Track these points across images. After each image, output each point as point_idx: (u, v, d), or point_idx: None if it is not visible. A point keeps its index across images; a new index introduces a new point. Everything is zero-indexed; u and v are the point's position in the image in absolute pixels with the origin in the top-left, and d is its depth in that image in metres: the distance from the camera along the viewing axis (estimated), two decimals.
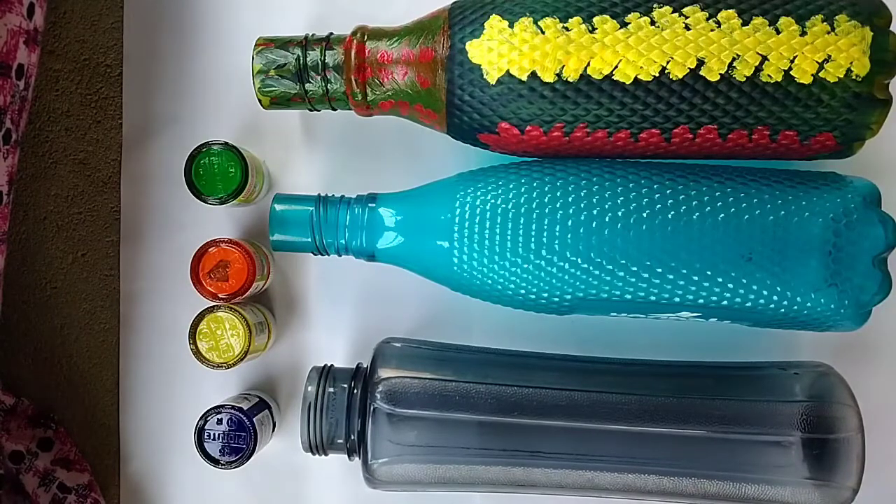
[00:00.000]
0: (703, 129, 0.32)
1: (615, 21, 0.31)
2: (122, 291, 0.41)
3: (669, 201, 0.32)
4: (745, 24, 0.30)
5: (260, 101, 0.35)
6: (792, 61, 0.30)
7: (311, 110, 0.36)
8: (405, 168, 0.40)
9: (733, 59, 0.30)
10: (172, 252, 0.41)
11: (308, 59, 0.34)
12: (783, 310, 0.32)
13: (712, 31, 0.30)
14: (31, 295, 0.42)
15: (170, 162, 0.41)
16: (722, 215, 0.31)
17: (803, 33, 0.30)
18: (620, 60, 0.30)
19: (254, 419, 0.36)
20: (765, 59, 0.30)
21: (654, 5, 0.31)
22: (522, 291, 0.33)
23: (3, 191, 0.36)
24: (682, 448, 0.33)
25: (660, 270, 0.31)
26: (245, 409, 0.36)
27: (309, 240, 0.35)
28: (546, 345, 0.37)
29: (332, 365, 0.36)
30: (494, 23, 0.31)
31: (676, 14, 0.31)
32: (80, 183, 0.41)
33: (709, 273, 0.31)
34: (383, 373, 0.34)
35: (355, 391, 0.34)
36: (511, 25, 0.31)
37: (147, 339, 0.41)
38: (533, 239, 0.32)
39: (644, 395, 0.34)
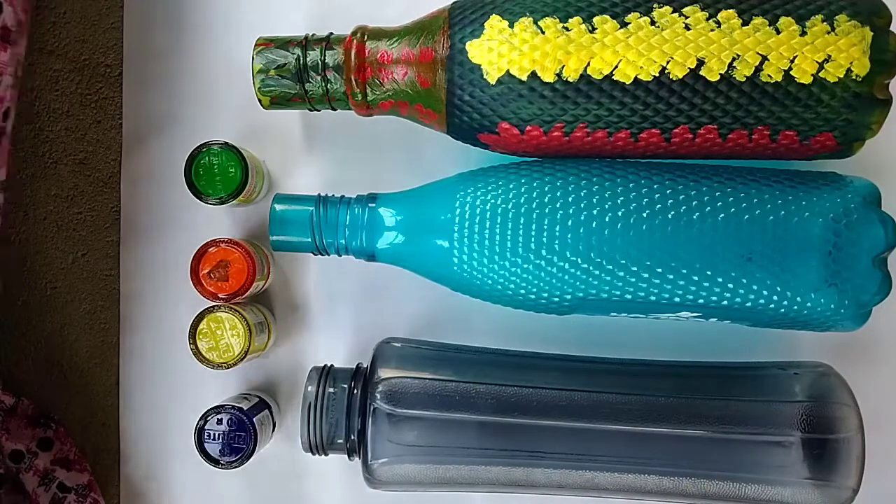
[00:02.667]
0: (703, 129, 0.32)
1: (615, 21, 0.31)
2: (122, 291, 0.41)
3: (669, 201, 0.32)
4: (745, 24, 0.30)
5: (260, 101, 0.35)
6: (792, 61, 0.30)
7: (311, 110, 0.36)
8: (405, 168, 0.40)
9: (733, 59, 0.30)
10: (172, 252, 0.41)
11: (308, 59, 0.34)
12: (783, 310, 0.32)
13: (712, 31, 0.30)
14: (31, 295, 0.42)
15: (170, 162, 0.41)
16: (722, 215, 0.31)
17: (803, 33, 0.30)
18: (620, 60, 0.30)
19: (254, 419, 0.36)
20: (765, 59, 0.30)
21: (654, 5, 0.31)
22: (522, 291, 0.33)
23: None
24: (682, 448, 0.33)
25: (660, 270, 0.31)
26: (245, 409, 0.36)
27: (309, 240, 0.35)
28: (546, 345, 0.37)
29: (332, 365, 0.36)
30: (494, 23, 0.31)
31: (676, 14, 0.31)
32: (80, 183, 0.41)
33: (709, 273, 0.31)
34: (383, 373, 0.34)
35: (355, 391, 0.34)
36: (511, 25, 0.31)
37: (147, 339, 0.41)
38: (533, 239, 0.32)
39: (644, 395, 0.34)
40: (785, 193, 0.32)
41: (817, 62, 0.30)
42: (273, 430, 0.39)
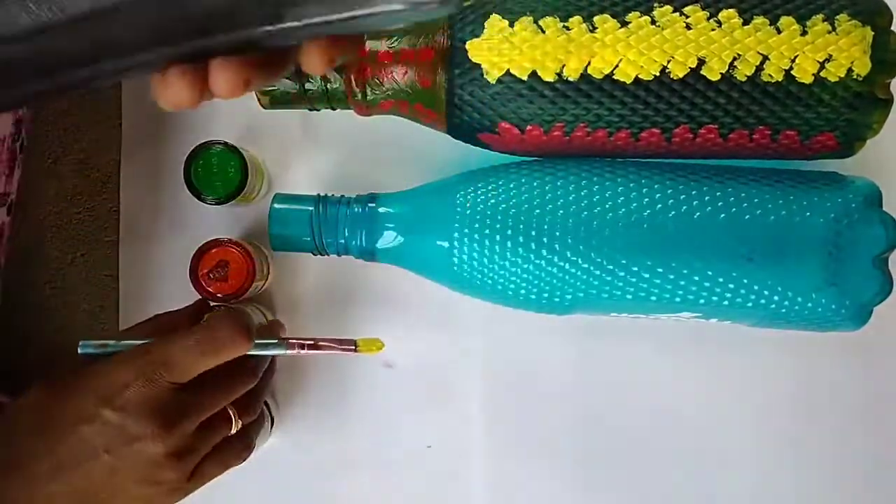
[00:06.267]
0: (703, 129, 0.32)
1: (616, 20, 0.30)
2: (122, 291, 0.41)
3: (670, 201, 0.31)
4: (745, 23, 0.30)
5: (260, 100, 0.35)
6: (793, 61, 0.30)
7: (311, 110, 0.36)
8: (405, 168, 0.40)
9: (734, 59, 0.30)
10: (172, 252, 0.40)
11: None
12: (784, 310, 0.32)
13: (713, 30, 0.30)
14: (31, 295, 0.41)
15: (169, 162, 0.41)
16: (723, 215, 0.31)
17: (804, 33, 0.30)
18: (621, 60, 0.30)
19: None
20: (766, 58, 0.30)
21: (655, 4, 0.31)
22: (522, 291, 0.33)
23: (13, 199, 0.36)
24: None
25: (660, 270, 0.31)
26: None
27: (309, 239, 0.35)
28: (546, 345, 0.37)
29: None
30: (495, 22, 0.31)
31: (677, 13, 0.31)
32: (79, 183, 0.41)
33: (709, 273, 0.31)
34: None
35: None
36: (511, 24, 0.31)
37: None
38: (533, 239, 0.32)
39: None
40: (786, 193, 0.32)
41: (818, 62, 0.30)
42: (272, 426, 0.39)
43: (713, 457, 0.39)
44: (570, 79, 0.31)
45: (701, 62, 0.30)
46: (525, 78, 0.31)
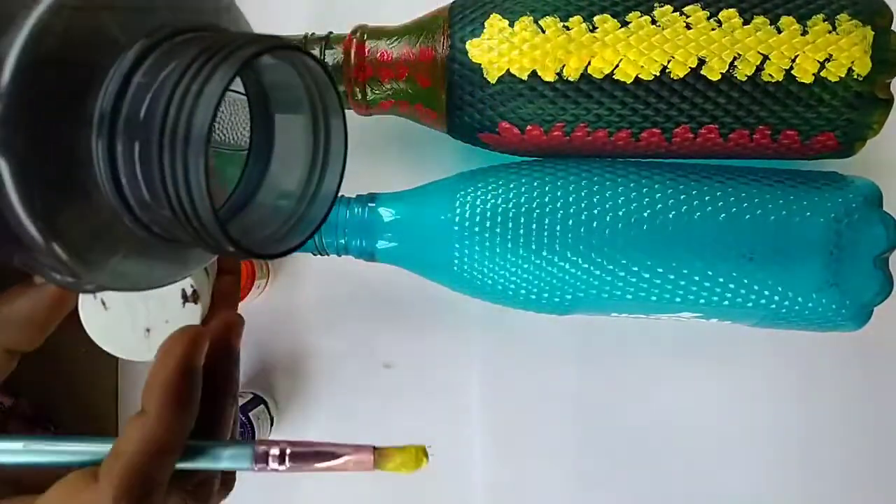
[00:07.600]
0: (704, 129, 0.32)
1: (616, 20, 0.30)
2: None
3: (670, 201, 0.31)
4: (746, 23, 0.30)
5: None
6: (793, 61, 0.30)
7: None
8: (405, 168, 0.40)
9: (734, 59, 0.30)
10: None
11: None
12: (784, 310, 0.32)
13: (713, 30, 0.30)
14: None
15: None
16: (723, 215, 0.31)
17: (804, 32, 0.30)
18: (621, 59, 0.30)
19: (249, 414, 0.36)
20: (766, 58, 0.30)
21: (655, 4, 0.31)
22: (523, 291, 0.33)
23: None
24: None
25: (661, 270, 0.31)
26: (239, 405, 0.36)
27: (308, 240, 0.35)
28: (546, 345, 0.37)
29: None
30: (495, 22, 0.31)
31: (677, 13, 0.31)
32: None
33: (710, 273, 0.31)
34: None
35: None
36: (511, 24, 0.31)
37: None
38: (533, 239, 0.32)
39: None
40: (786, 193, 0.32)
41: (818, 61, 0.30)
42: (271, 426, 0.39)
43: (713, 456, 0.39)
44: (570, 79, 0.31)
45: (701, 62, 0.30)
46: (525, 78, 0.31)
